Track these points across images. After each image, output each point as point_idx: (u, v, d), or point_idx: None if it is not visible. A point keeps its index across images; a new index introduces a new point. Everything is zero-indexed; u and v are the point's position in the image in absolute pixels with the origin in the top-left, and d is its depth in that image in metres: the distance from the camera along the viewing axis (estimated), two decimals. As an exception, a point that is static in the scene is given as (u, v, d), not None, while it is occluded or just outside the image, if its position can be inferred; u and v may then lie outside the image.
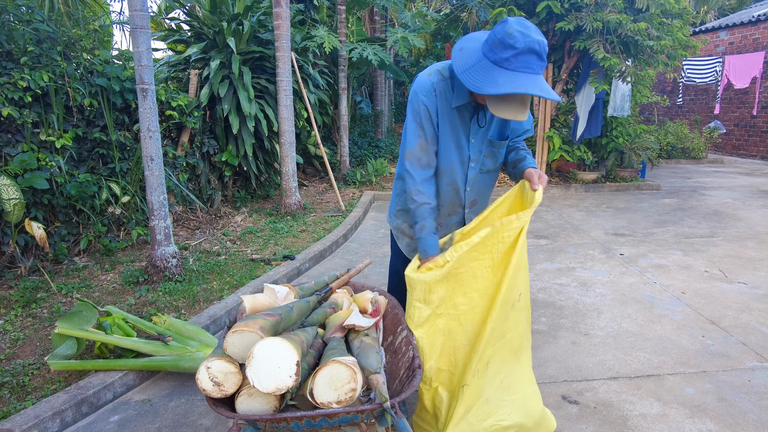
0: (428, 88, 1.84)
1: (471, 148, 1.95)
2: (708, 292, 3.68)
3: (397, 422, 1.39)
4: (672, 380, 2.54)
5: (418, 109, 1.86)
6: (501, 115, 1.62)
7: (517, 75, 1.57)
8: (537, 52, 1.58)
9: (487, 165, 2.03)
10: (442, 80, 1.85)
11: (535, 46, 1.57)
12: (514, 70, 1.58)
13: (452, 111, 1.87)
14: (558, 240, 5.09)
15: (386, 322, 2.01)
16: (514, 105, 1.63)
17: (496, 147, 1.99)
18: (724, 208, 6.46)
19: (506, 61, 1.58)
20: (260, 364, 1.36)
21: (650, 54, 6.77)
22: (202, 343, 2.62)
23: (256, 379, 1.35)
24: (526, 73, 1.58)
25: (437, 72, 1.87)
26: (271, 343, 1.38)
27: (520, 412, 1.92)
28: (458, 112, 1.88)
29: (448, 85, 1.85)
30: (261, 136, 5.88)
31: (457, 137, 1.92)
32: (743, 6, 16.02)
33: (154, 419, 2.29)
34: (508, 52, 1.57)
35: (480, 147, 1.96)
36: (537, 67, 1.60)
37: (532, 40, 1.56)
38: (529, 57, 1.57)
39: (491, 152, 2.00)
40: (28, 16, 3.80)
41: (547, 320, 3.24)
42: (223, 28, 5.48)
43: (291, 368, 1.37)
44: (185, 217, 5.18)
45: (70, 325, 2.47)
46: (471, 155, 1.96)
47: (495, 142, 1.98)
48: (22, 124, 3.64)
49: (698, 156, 11.06)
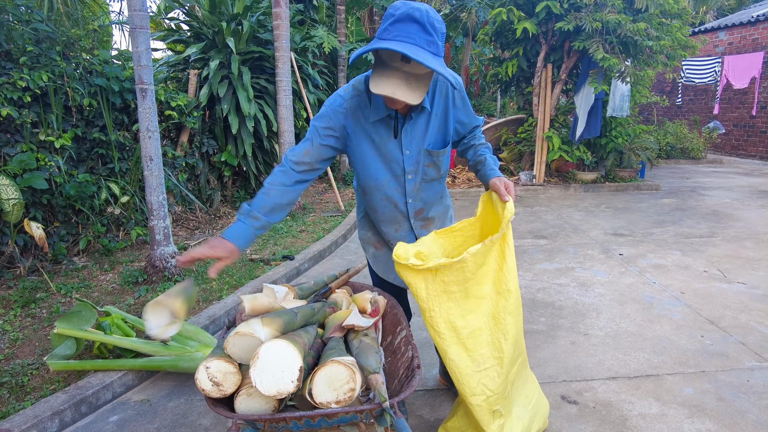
0: (338, 103, 1.74)
1: (406, 160, 1.81)
2: (707, 292, 3.69)
3: (396, 422, 1.38)
4: (671, 380, 2.54)
5: (320, 117, 1.75)
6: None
7: (392, 42, 1.42)
8: (418, 20, 1.42)
9: (431, 174, 1.89)
10: (357, 95, 1.73)
11: (415, 13, 1.41)
12: (391, 40, 1.43)
13: (372, 126, 1.75)
14: (557, 240, 5.09)
15: (385, 322, 2.01)
16: (393, 80, 1.46)
17: (436, 156, 1.85)
18: (723, 208, 6.46)
19: (385, 32, 1.45)
20: (264, 366, 1.36)
21: (649, 54, 6.78)
22: (201, 343, 2.62)
23: (258, 381, 1.35)
24: (405, 42, 1.41)
25: (352, 87, 1.74)
26: (278, 346, 1.37)
27: (538, 418, 1.97)
28: (379, 126, 1.76)
29: (363, 99, 1.73)
30: (260, 136, 5.88)
31: (383, 152, 1.79)
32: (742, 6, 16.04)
33: (153, 419, 2.29)
34: (387, 21, 1.45)
35: (417, 158, 1.82)
36: (420, 39, 1.42)
37: (412, 7, 1.42)
38: (408, 25, 1.42)
39: (432, 162, 1.85)
40: (27, 15, 3.80)
41: (546, 320, 3.24)
42: (222, 28, 5.48)
43: (294, 373, 1.37)
44: (184, 217, 5.18)
45: (69, 325, 2.47)
46: (406, 167, 1.83)
47: (434, 151, 1.83)
48: (21, 124, 3.64)
49: (697, 156, 11.07)
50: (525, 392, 1.95)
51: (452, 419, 1.99)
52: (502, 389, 1.75)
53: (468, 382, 1.71)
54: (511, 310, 1.72)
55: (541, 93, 7.58)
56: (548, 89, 7.53)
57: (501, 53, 8.43)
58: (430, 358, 2.73)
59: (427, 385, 2.52)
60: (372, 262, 2.13)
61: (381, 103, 1.71)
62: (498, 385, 1.74)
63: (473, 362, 1.71)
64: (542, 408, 2.06)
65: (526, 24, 6.71)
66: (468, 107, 1.90)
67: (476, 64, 9.02)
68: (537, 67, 7.52)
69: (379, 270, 2.11)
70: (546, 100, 7.57)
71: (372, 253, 2.12)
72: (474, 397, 1.73)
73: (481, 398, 1.73)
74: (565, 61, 7.43)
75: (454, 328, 1.70)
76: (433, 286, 1.66)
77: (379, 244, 2.08)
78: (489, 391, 1.73)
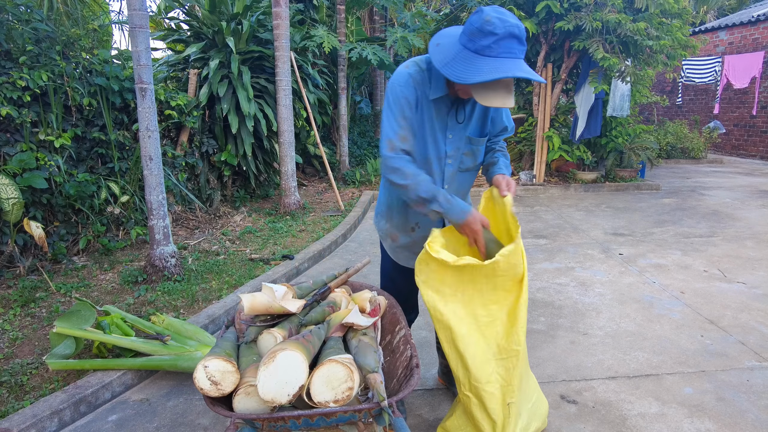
0: (405, 79, 1.80)
1: (448, 144, 1.90)
2: (707, 291, 3.68)
3: (395, 421, 1.38)
4: (671, 380, 2.54)
5: (397, 100, 1.80)
6: (488, 103, 1.59)
7: (501, 60, 1.55)
8: (517, 36, 1.56)
9: (467, 163, 1.98)
10: (420, 72, 1.81)
11: (515, 30, 1.55)
12: (496, 57, 1.56)
13: (429, 103, 1.83)
14: (557, 240, 5.09)
15: (384, 322, 2.01)
16: (500, 92, 1.61)
17: (476, 144, 1.95)
18: (724, 208, 6.46)
19: (487, 49, 1.56)
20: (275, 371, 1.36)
21: (649, 54, 6.78)
22: (200, 342, 2.62)
23: (262, 382, 1.35)
24: (509, 58, 1.56)
25: (414, 63, 1.82)
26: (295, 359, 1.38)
27: (537, 417, 1.98)
28: (435, 105, 1.84)
29: (425, 76, 1.81)
30: (260, 136, 5.88)
31: (433, 131, 1.87)
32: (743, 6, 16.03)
33: (153, 418, 2.29)
34: (489, 39, 1.55)
35: (458, 144, 1.92)
36: (518, 52, 1.58)
37: (510, 24, 1.55)
38: (510, 42, 1.55)
39: (470, 150, 1.95)
40: (26, 15, 3.79)
41: (546, 320, 3.24)
42: (222, 28, 5.48)
43: (293, 389, 1.37)
44: (184, 216, 5.18)
45: (68, 324, 2.47)
46: (448, 151, 1.91)
47: (474, 139, 1.93)
48: (21, 124, 3.64)
49: (697, 156, 11.07)
50: (526, 390, 1.96)
51: (451, 418, 1.99)
52: (518, 381, 1.78)
53: (484, 369, 1.76)
54: (527, 305, 1.78)
55: (542, 92, 7.58)
56: (548, 89, 7.53)
57: (501, 53, 8.42)
58: (429, 358, 2.73)
59: (426, 384, 2.52)
60: (393, 253, 2.16)
61: (442, 82, 1.79)
62: (514, 377, 1.77)
63: (489, 349, 1.77)
64: (542, 407, 2.06)
65: (526, 23, 6.70)
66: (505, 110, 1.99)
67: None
68: (537, 66, 7.52)
69: (400, 260, 2.14)
70: (546, 100, 7.57)
71: (390, 244, 2.15)
72: (489, 384, 1.76)
73: (496, 386, 1.77)
74: (566, 61, 7.42)
75: (474, 315, 1.77)
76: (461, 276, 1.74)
77: (395, 235, 2.11)
78: (503, 380, 1.77)
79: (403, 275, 2.17)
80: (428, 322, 3.10)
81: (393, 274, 2.20)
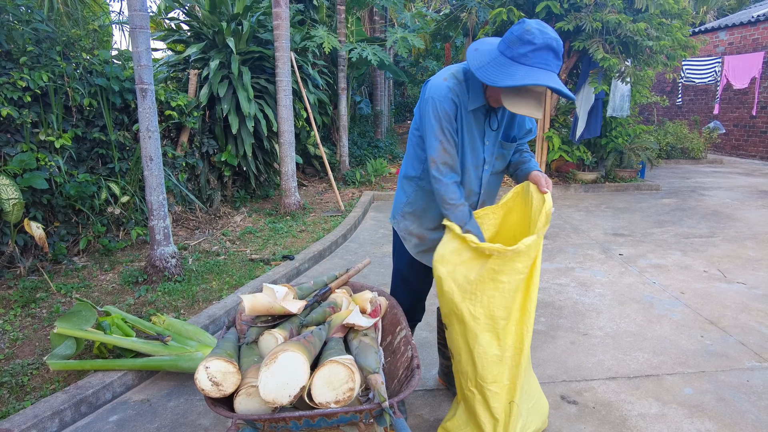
0: (445, 93, 1.81)
1: (486, 150, 1.95)
2: (707, 292, 3.69)
3: (396, 422, 1.39)
4: (671, 380, 2.54)
5: (438, 114, 1.80)
6: (517, 110, 1.63)
7: (534, 70, 1.59)
8: (554, 50, 1.60)
9: (497, 166, 2.03)
10: (458, 84, 1.83)
11: (553, 43, 1.59)
12: (531, 66, 1.59)
13: (468, 114, 1.86)
14: (557, 240, 5.09)
15: (385, 322, 2.01)
16: (530, 101, 1.65)
17: (506, 149, 2.00)
18: (724, 208, 6.46)
19: (524, 57, 1.59)
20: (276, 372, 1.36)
21: (649, 54, 6.78)
22: (201, 343, 2.62)
23: (264, 382, 1.35)
24: (543, 70, 1.59)
25: (452, 76, 1.83)
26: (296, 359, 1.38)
27: (537, 417, 1.99)
28: (473, 115, 1.87)
29: (463, 88, 1.83)
30: (260, 136, 5.88)
31: (472, 141, 1.91)
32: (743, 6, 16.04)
33: (153, 419, 2.29)
34: (526, 47, 1.59)
35: (492, 149, 1.97)
36: (553, 65, 1.61)
37: (549, 37, 1.58)
38: (546, 54, 1.59)
39: (501, 154, 2.01)
40: (27, 16, 3.80)
41: (546, 320, 3.24)
42: (222, 28, 5.48)
43: (294, 390, 1.37)
44: (184, 217, 5.18)
45: (69, 325, 2.47)
46: (486, 157, 1.96)
47: (505, 143, 1.99)
48: (21, 124, 3.64)
49: (697, 156, 11.07)
50: (527, 390, 1.96)
51: (452, 419, 1.99)
52: (522, 381, 1.79)
53: (491, 369, 1.78)
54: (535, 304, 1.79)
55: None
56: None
57: (501, 53, 8.43)
58: (430, 358, 2.73)
59: (426, 385, 2.52)
60: (416, 254, 2.15)
61: (479, 93, 1.82)
62: (519, 377, 1.78)
63: (500, 350, 1.78)
64: (542, 407, 2.06)
65: (526, 24, 6.70)
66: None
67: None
68: (537, 67, 7.51)
69: (425, 260, 2.14)
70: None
71: (415, 244, 2.14)
72: (495, 384, 1.78)
73: (500, 386, 1.79)
74: (565, 61, 7.42)
75: (492, 317, 1.77)
76: (483, 273, 1.75)
77: (423, 235, 2.12)
78: (507, 380, 1.79)
79: (420, 276, 2.18)
80: (428, 323, 3.11)
81: (408, 275, 2.19)
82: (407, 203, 2.12)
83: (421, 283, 2.21)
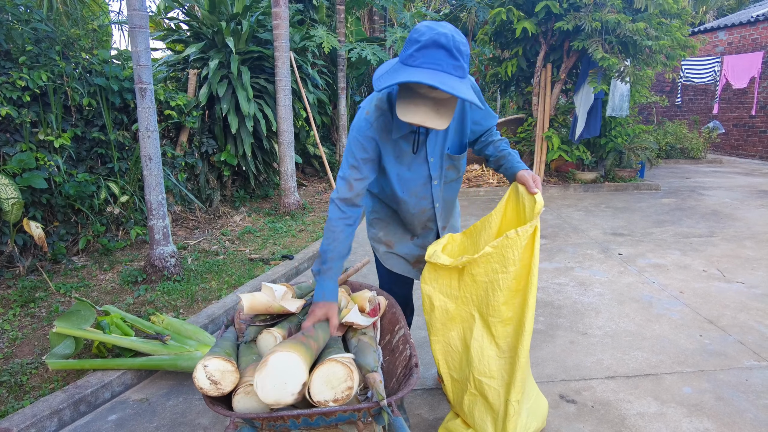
0: (365, 128, 1.74)
1: (432, 167, 1.88)
2: (706, 291, 3.69)
3: (394, 421, 1.39)
4: (670, 379, 2.54)
5: (351, 146, 1.76)
6: (406, 119, 1.50)
7: (420, 70, 1.43)
8: (444, 46, 1.42)
9: (450, 176, 1.97)
10: (381, 115, 1.74)
11: (441, 39, 1.41)
12: (417, 66, 1.43)
13: (397, 141, 1.79)
14: (556, 240, 5.09)
15: (384, 321, 2.01)
16: (424, 108, 1.50)
17: (456, 160, 1.93)
18: (723, 207, 6.46)
19: (410, 58, 1.45)
20: (269, 374, 1.36)
21: (649, 54, 6.78)
22: (200, 342, 2.63)
23: (260, 386, 1.35)
24: (432, 70, 1.43)
25: (375, 108, 1.75)
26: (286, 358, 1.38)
27: (536, 416, 1.99)
28: (406, 140, 1.80)
29: (387, 117, 1.75)
30: (260, 136, 5.88)
31: (409, 164, 1.84)
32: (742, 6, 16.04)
33: (152, 418, 2.29)
34: (413, 47, 1.44)
35: (440, 163, 1.90)
36: (446, 65, 1.43)
37: (437, 33, 1.42)
38: (435, 51, 1.42)
39: (452, 165, 1.93)
40: (26, 15, 3.80)
41: (545, 320, 3.24)
42: (221, 28, 5.48)
43: (296, 387, 1.37)
44: (184, 216, 5.18)
45: (68, 324, 2.47)
46: (432, 173, 1.89)
47: (454, 156, 1.90)
48: (21, 124, 3.64)
49: (697, 156, 11.07)
50: (526, 390, 1.96)
51: (454, 420, 1.99)
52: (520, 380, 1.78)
53: (489, 364, 1.81)
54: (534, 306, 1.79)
55: (541, 93, 7.58)
56: (548, 89, 7.53)
57: (500, 53, 8.43)
58: (429, 357, 2.73)
59: (425, 384, 2.52)
60: (383, 259, 2.16)
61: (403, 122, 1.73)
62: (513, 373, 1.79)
63: (498, 348, 1.81)
64: (541, 407, 2.06)
65: (525, 24, 6.71)
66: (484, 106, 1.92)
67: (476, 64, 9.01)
68: (536, 66, 7.52)
69: (393, 266, 2.15)
70: (545, 100, 7.57)
71: (383, 251, 2.15)
72: (493, 380, 1.80)
73: (499, 382, 1.80)
74: (565, 61, 7.43)
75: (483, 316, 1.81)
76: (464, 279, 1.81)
77: (390, 243, 2.13)
78: (507, 376, 1.80)
79: (397, 281, 2.20)
80: (428, 322, 3.11)
81: (387, 279, 2.21)
82: (372, 210, 2.13)
83: (401, 287, 2.22)
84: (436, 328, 1.93)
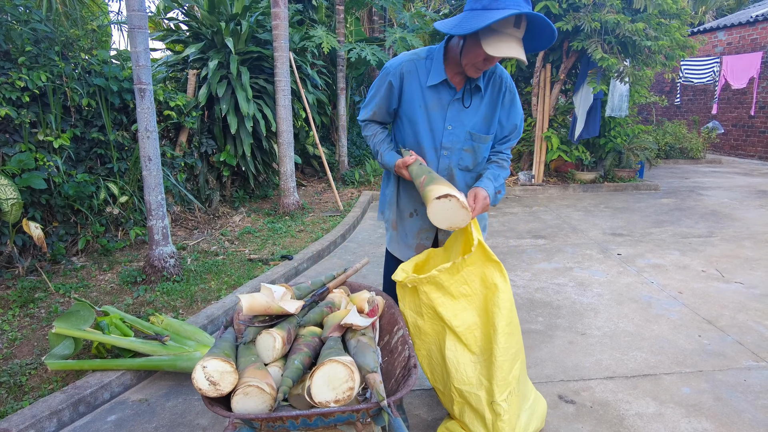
0: (395, 67, 1.89)
1: (446, 135, 1.89)
2: (705, 291, 3.69)
3: (393, 421, 1.39)
4: (668, 380, 2.54)
5: (380, 83, 1.93)
6: (499, 53, 1.62)
7: (507, 10, 1.60)
8: None
9: (466, 161, 1.95)
10: (415, 60, 1.88)
11: None
12: (504, 8, 1.60)
13: (425, 90, 1.86)
14: (556, 240, 5.09)
15: (383, 322, 2.02)
16: (509, 42, 1.64)
17: (478, 141, 1.92)
18: (722, 208, 6.47)
19: (494, 2, 1.61)
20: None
21: (648, 54, 6.79)
22: (199, 342, 2.63)
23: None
24: (519, 7, 1.61)
25: (414, 53, 1.91)
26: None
27: (535, 417, 2.00)
28: (434, 92, 1.86)
29: (422, 65, 1.87)
30: (259, 136, 5.88)
31: (429, 120, 1.89)
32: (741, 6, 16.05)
33: (151, 419, 2.29)
34: None
35: (457, 137, 1.90)
36: (523, 5, 1.62)
37: None
38: None
39: (471, 147, 1.92)
40: (25, 15, 3.79)
41: (544, 320, 3.24)
42: (221, 28, 5.48)
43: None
44: (183, 217, 5.18)
45: (67, 324, 2.48)
46: (444, 142, 1.91)
47: (476, 135, 1.90)
48: (20, 124, 3.64)
49: (696, 156, 11.08)
50: (523, 391, 1.97)
51: (453, 420, 1.99)
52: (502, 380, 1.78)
53: (465, 371, 1.83)
54: (500, 304, 1.80)
55: (540, 93, 7.58)
56: (547, 89, 7.54)
57: (500, 53, 8.43)
58: (428, 358, 2.73)
59: (424, 384, 2.52)
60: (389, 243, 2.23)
61: (441, 69, 1.83)
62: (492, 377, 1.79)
63: (472, 354, 1.84)
64: (539, 407, 2.06)
65: (524, 24, 6.71)
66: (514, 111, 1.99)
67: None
68: (536, 67, 7.53)
69: (395, 249, 2.20)
70: (545, 100, 7.58)
71: (390, 235, 2.21)
72: (470, 386, 1.82)
73: (478, 387, 1.81)
74: (564, 61, 7.43)
75: (450, 326, 1.85)
76: (420, 297, 1.89)
77: (395, 223, 2.17)
78: (486, 381, 1.81)
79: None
80: (427, 323, 3.11)
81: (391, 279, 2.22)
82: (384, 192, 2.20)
83: None
84: (416, 344, 1.98)
